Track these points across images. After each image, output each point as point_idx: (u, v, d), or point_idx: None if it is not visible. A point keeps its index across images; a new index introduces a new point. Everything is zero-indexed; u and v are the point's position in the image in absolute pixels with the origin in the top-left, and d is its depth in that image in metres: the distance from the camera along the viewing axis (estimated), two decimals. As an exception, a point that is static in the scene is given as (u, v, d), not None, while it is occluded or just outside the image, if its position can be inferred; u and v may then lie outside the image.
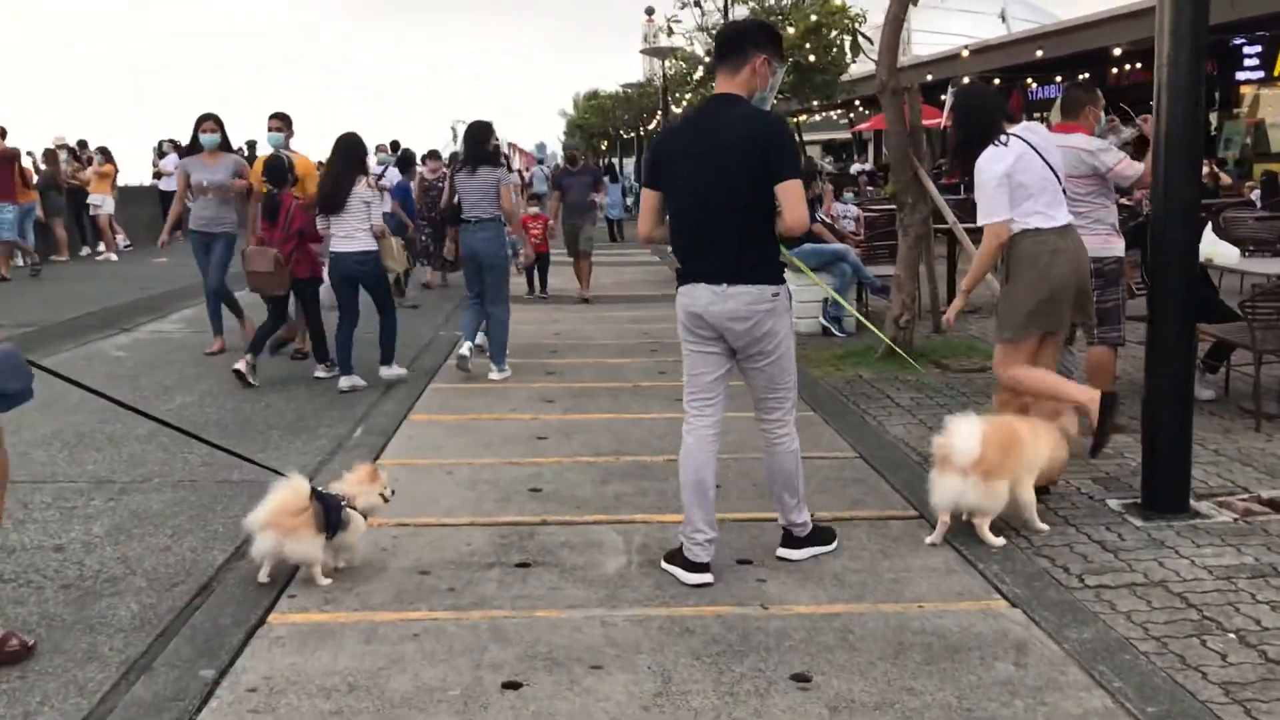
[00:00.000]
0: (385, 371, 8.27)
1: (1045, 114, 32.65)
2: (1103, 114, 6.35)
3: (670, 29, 18.65)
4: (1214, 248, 7.17)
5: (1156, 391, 4.92)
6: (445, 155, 16.45)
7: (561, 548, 4.67)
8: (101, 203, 19.32)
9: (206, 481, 5.79)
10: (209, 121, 9.40)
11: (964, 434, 4.51)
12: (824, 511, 5.01)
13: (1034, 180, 4.98)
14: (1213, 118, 22.10)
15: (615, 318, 11.98)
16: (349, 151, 8.14)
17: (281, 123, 9.41)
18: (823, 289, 8.10)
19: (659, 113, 27.07)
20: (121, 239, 20.27)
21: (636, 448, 6.33)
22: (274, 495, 4.19)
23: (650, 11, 27.45)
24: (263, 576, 4.23)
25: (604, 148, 51.04)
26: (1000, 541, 4.59)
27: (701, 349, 4.28)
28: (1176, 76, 4.67)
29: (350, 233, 7.96)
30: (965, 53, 19.15)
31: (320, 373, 8.56)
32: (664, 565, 4.39)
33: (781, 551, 4.53)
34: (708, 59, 21.67)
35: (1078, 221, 6.16)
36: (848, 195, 13.30)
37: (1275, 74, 22.06)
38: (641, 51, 26.14)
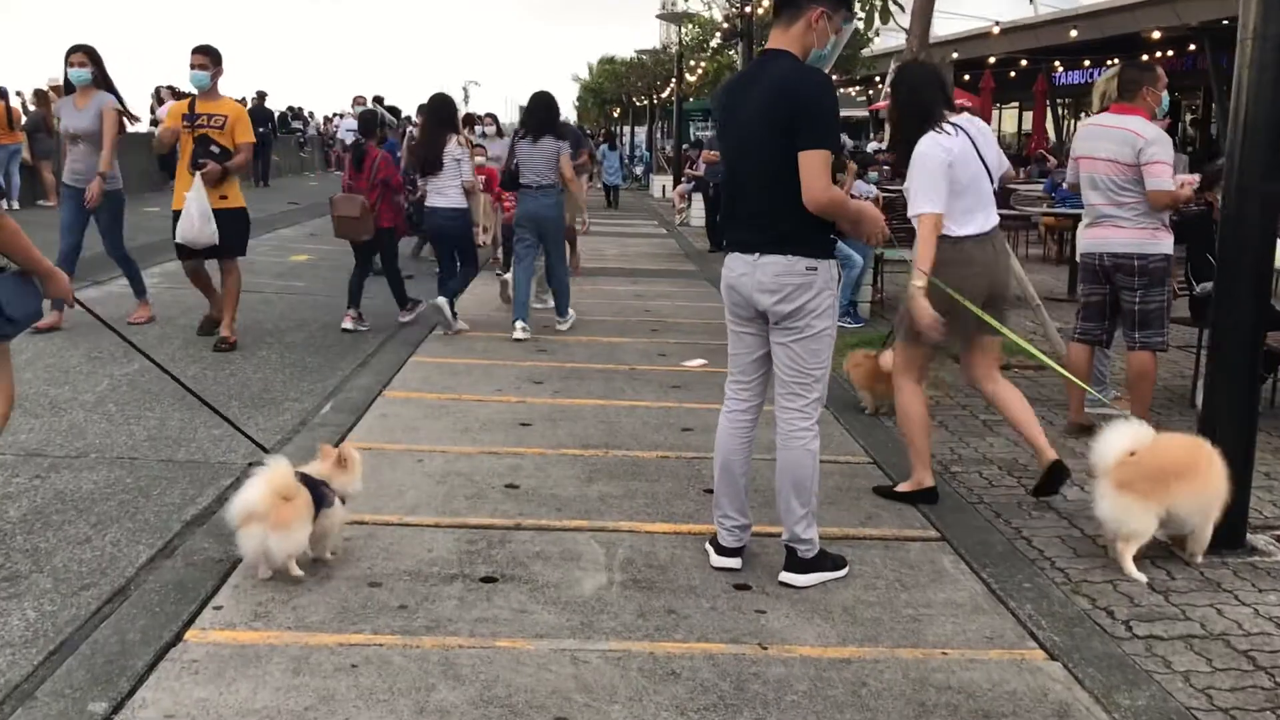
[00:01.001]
0: (443, 303, 8.45)
1: (1068, 101, 32.06)
2: (1164, 95, 5.73)
3: (688, -7, 17.91)
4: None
5: (1217, 411, 4.35)
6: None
7: (535, 559, 4.11)
8: None
9: (148, 460, 5.24)
10: (78, 54, 7.86)
11: (1114, 434, 4.09)
12: (833, 527, 4.45)
13: (967, 178, 4.64)
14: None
15: (615, 292, 11.38)
16: (439, 111, 8.57)
17: (207, 59, 7.75)
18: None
19: (673, 80, 26.37)
20: None
21: (628, 440, 5.76)
22: (257, 482, 3.68)
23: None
24: (264, 574, 3.76)
25: (616, 114, 50.27)
26: (1141, 577, 4.06)
27: (739, 327, 4.02)
28: (1263, 52, 4.06)
29: (442, 189, 8.39)
30: (996, 30, 18.41)
31: (404, 317, 8.87)
32: (706, 546, 4.18)
33: (785, 576, 3.97)
34: (725, 24, 21.09)
35: (1120, 213, 5.61)
36: (871, 175, 12.65)
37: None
38: (658, 16, 25.40)
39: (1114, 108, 5.74)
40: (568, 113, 61.35)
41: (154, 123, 22.71)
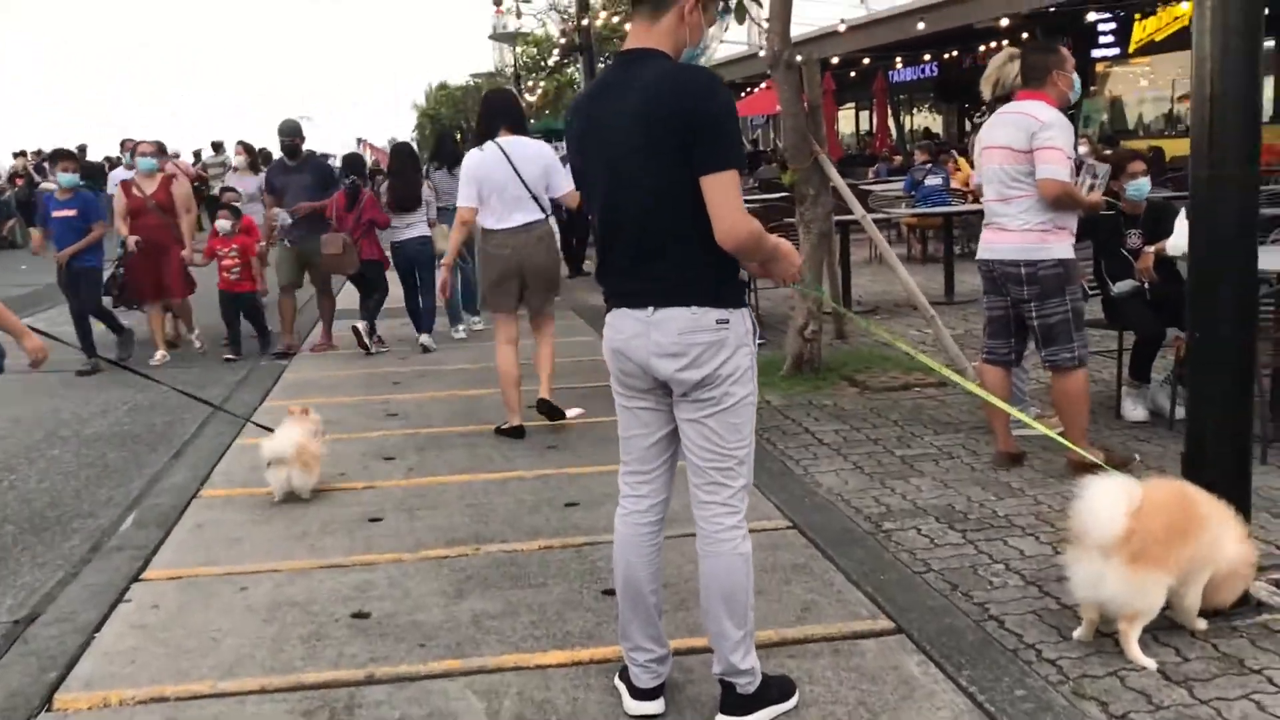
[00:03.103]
0: (425, 338, 9.67)
1: (904, 97, 32.38)
2: (1075, 79, 5.09)
3: (519, 10, 17.06)
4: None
5: (1203, 443, 3.65)
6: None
7: (394, 729, 3.13)
8: None
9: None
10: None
11: (1107, 498, 3.28)
12: (765, 629, 3.60)
13: (494, 186, 6.16)
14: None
15: (472, 333, 10.38)
16: (412, 159, 10.15)
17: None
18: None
19: (511, 102, 25.55)
20: None
21: (502, 528, 4.80)
22: (283, 436, 5.26)
23: (499, 1, 25.92)
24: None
25: (457, 139, 49.00)
26: (1151, 664, 3.30)
27: (632, 401, 3.13)
28: (1227, 17, 3.38)
29: (413, 222, 9.63)
30: (842, 27, 18.07)
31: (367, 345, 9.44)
32: (616, 682, 3.32)
33: None
34: (563, 40, 20.27)
35: (1007, 212, 4.98)
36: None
37: (1130, 51, 21.79)
38: (490, 37, 24.47)
39: (1019, 94, 5.09)
40: (410, 141, 60.07)
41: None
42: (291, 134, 9.63)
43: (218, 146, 26.51)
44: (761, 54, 24.26)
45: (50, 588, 4.37)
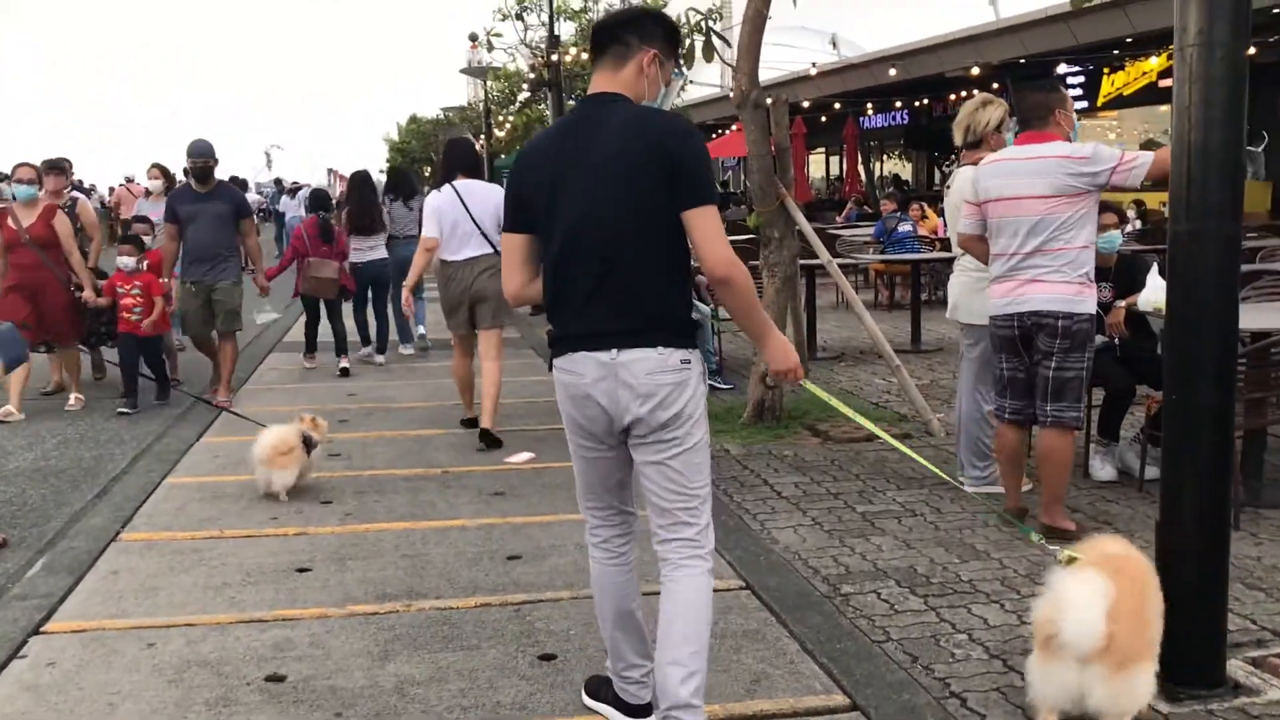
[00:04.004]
0: (379, 357, 10.54)
1: (874, 144, 32.53)
2: (1075, 118, 4.92)
3: (491, 44, 16.90)
4: (1159, 295, 5.85)
5: (1179, 509, 3.44)
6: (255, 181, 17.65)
7: (297, 814, 2.83)
8: None
9: None
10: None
11: (1081, 604, 2.96)
12: (712, 703, 3.33)
13: (447, 224, 7.02)
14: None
15: (426, 369, 10.10)
16: (372, 186, 10.82)
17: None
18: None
19: (480, 135, 25.31)
20: None
21: (438, 583, 4.51)
22: (267, 437, 5.77)
23: (474, 38, 25.84)
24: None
25: (427, 173, 48.82)
26: None
27: (593, 451, 3.13)
28: (1209, 65, 3.21)
29: (374, 245, 10.42)
30: (813, 71, 18.06)
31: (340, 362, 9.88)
32: (586, 700, 3.39)
33: None
34: (532, 74, 20.14)
35: (1045, 264, 4.75)
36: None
37: (1098, 104, 21.98)
38: (461, 71, 24.31)
39: (1026, 138, 4.88)
40: (378, 176, 60.03)
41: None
42: (204, 155, 8.41)
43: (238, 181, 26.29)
44: (731, 95, 24.40)
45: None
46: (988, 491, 5.41)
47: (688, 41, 7.64)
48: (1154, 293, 5.54)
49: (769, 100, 7.27)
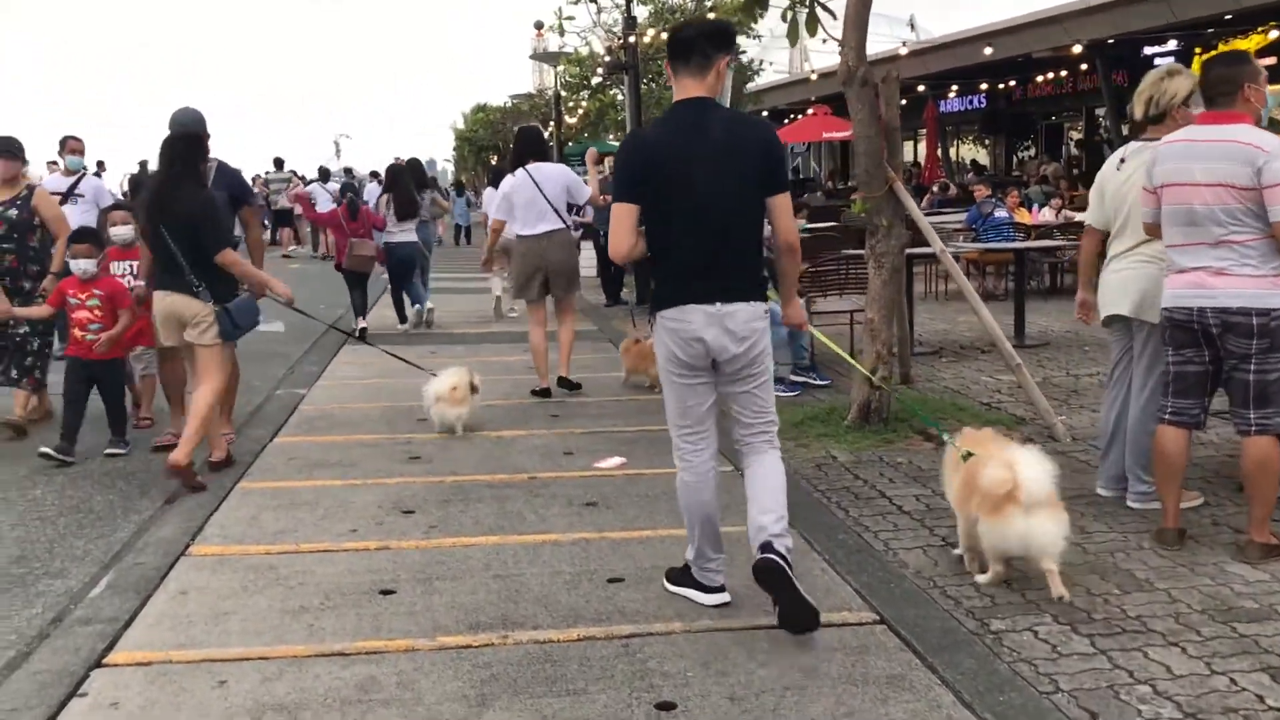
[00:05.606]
0: (411, 314, 12.29)
1: (950, 128, 31.57)
2: (1268, 93, 4.32)
3: (562, 27, 16.45)
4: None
5: None
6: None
7: None
8: None
9: None
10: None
11: (1032, 463, 4.00)
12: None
13: (521, 201, 7.91)
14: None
15: (505, 364, 9.65)
16: (415, 172, 12.78)
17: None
18: (816, 334, 6.02)
19: (550, 123, 24.91)
20: None
21: (534, 609, 4.06)
22: (441, 379, 6.82)
23: (540, 25, 25.49)
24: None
25: (494, 161, 48.66)
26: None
27: (694, 379, 3.95)
28: None
29: (408, 229, 11.84)
30: (904, 50, 17.33)
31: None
32: (669, 587, 4.20)
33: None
34: (607, 57, 19.66)
35: (1231, 256, 4.18)
36: (798, 220, 11.19)
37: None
38: (531, 57, 23.93)
39: (1208, 116, 4.30)
40: (443, 164, 60.16)
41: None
42: (185, 125, 6.42)
43: (279, 163, 26.30)
44: (813, 75, 23.57)
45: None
46: (1155, 508, 4.84)
47: (789, 15, 7.11)
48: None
49: (879, 77, 6.71)
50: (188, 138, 6.11)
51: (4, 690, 3.45)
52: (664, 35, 19.26)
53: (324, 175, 24.99)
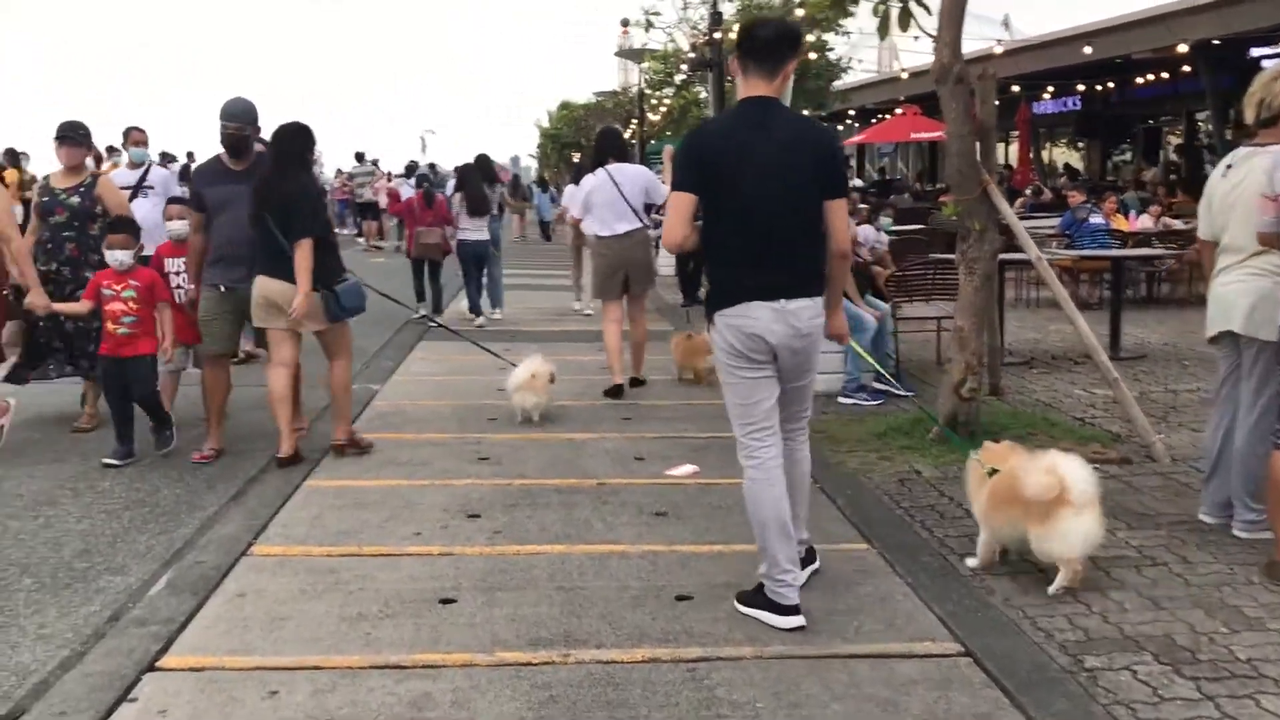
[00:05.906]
0: (481, 319, 12.26)
1: (1042, 131, 30.71)
2: None
3: (649, 23, 16.27)
4: None
5: None
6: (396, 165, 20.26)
7: None
8: None
9: None
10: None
11: (1078, 467, 4.07)
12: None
13: (601, 201, 8.03)
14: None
15: (579, 364, 9.45)
16: (484, 170, 12.72)
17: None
18: (859, 352, 5.76)
19: (633, 120, 24.77)
20: None
21: (598, 626, 3.89)
22: (520, 369, 7.03)
23: (626, 22, 25.39)
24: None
25: (576, 158, 48.78)
26: None
27: (758, 374, 3.96)
28: None
29: (480, 226, 12.24)
30: (998, 49, 16.83)
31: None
32: (741, 609, 4.00)
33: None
34: (692, 54, 19.45)
35: None
36: (884, 219, 10.84)
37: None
38: (616, 54, 23.84)
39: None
40: (527, 160, 60.83)
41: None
42: (240, 120, 6.23)
43: (360, 156, 26.55)
44: (904, 74, 23.02)
45: (46, 674, 3.59)
46: (1265, 538, 4.50)
47: (880, 9, 6.84)
48: None
49: (976, 75, 6.41)
50: (296, 128, 6.19)
51: (56, 691, 3.37)
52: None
53: (410, 170, 25.26)
